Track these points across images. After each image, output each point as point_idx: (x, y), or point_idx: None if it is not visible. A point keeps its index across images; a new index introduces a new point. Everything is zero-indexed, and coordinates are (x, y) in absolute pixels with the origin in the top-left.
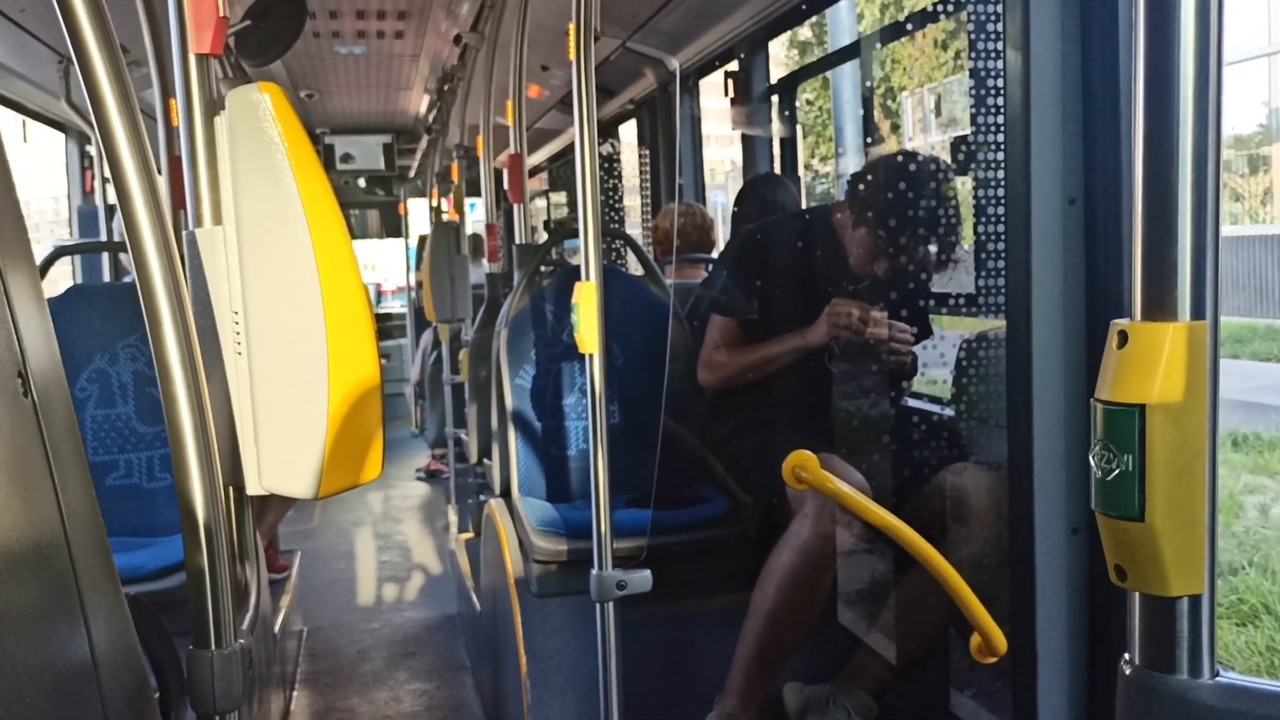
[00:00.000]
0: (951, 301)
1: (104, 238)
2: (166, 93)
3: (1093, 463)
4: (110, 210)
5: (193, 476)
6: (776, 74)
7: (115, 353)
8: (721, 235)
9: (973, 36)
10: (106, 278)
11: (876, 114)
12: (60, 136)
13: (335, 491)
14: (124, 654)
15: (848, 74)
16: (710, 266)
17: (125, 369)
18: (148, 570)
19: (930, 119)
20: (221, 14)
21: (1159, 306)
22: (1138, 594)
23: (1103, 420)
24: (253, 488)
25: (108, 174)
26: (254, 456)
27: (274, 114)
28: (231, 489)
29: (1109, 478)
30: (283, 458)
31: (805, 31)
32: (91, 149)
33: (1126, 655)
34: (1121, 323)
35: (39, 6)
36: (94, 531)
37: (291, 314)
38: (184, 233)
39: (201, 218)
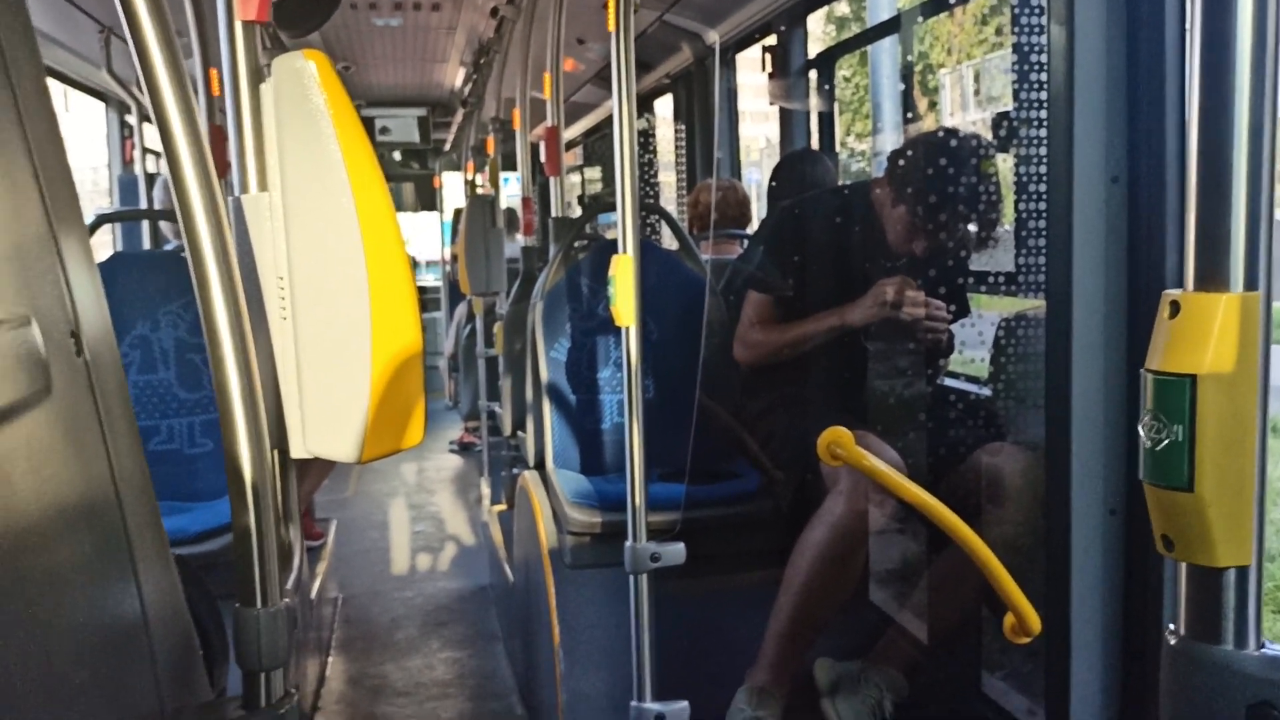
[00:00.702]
0: (991, 279)
1: (144, 206)
2: (208, 62)
3: (1142, 433)
4: (150, 179)
5: (240, 439)
6: (814, 50)
7: (157, 319)
8: (756, 212)
9: (1016, 10)
10: (146, 245)
11: (915, 91)
12: (100, 106)
13: (378, 456)
14: (172, 611)
15: (886, 49)
16: (745, 242)
17: (167, 335)
18: (190, 534)
19: (969, 97)
20: None
21: (1211, 277)
22: (1184, 564)
23: (1153, 390)
24: (297, 451)
25: (148, 144)
26: (298, 420)
27: (319, 81)
28: (276, 452)
29: (1158, 448)
30: (327, 422)
31: (842, 7)
32: (131, 118)
33: (1171, 625)
34: (1174, 293)
35: None
36: (143, 491)
37: (336, 279)
38: (229, 199)
39: (247, 184)
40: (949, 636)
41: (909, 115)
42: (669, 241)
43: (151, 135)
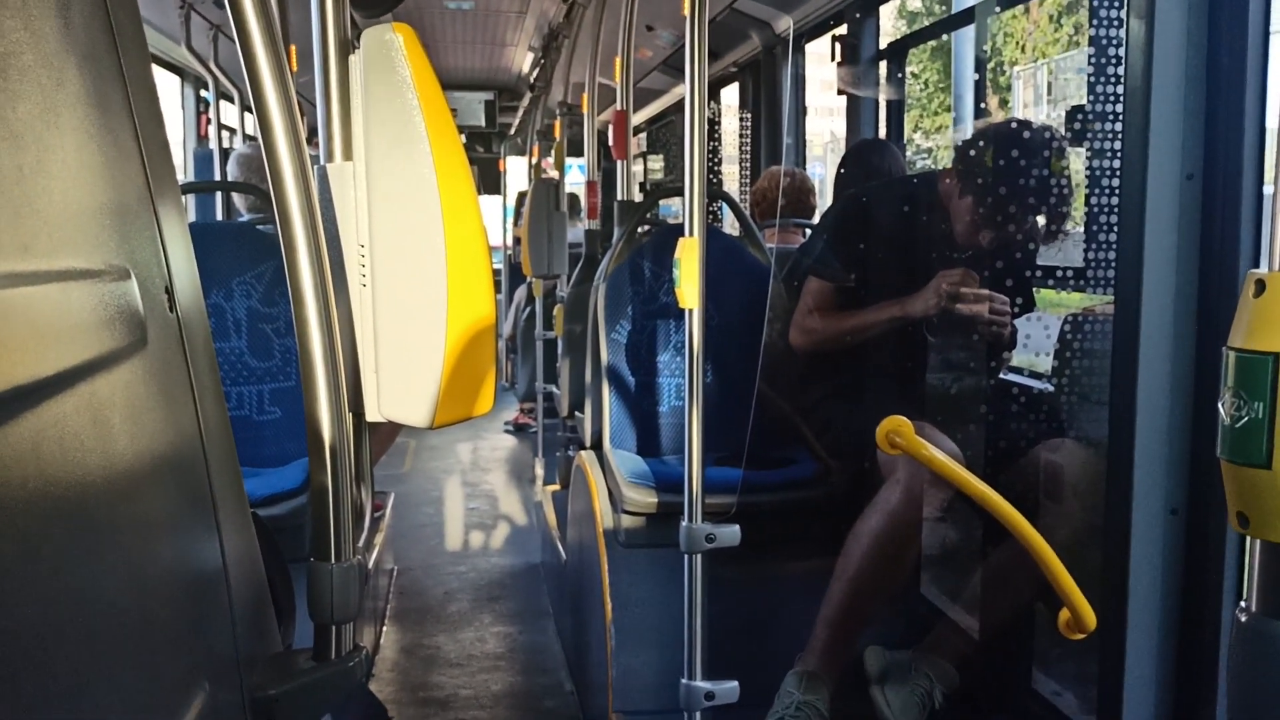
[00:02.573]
0: (1059, 274)
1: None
2: (287, 39)
3: (1222, 410)
4: (224, 154)
5: (321, 401)
6: (883, 42)
7: (230, 289)
8: (819, 204)
9: (1096, 3)
10: (219, 218)
11: (987, 88)
12: (176, 80)
13: (449, 422)
14: (249, 565)
15: (961, 41)
16: (808, 232)
17: (240, 305)
18: (257, 497)
19: (1041, 96)
20: None
21: None
22: (1259, 541)
23: (1235, 368)
24: (372, 415)
25: (224, 120)
26: (374, 385)
27: (406, 54)
28: (352, 415)
29: (1238, 425)
30: (401, 387)
31: (914, 2)
32: (207, 94)
33: (1242, 602)
34: (1259, 272)
35: None
36: (226, 447)
37: (415, 248)
38: (315, 167)
39: (333, 153)
40: (1001, 630)
41: (981, 106)
42: (729, 230)
43: (226, 111)
